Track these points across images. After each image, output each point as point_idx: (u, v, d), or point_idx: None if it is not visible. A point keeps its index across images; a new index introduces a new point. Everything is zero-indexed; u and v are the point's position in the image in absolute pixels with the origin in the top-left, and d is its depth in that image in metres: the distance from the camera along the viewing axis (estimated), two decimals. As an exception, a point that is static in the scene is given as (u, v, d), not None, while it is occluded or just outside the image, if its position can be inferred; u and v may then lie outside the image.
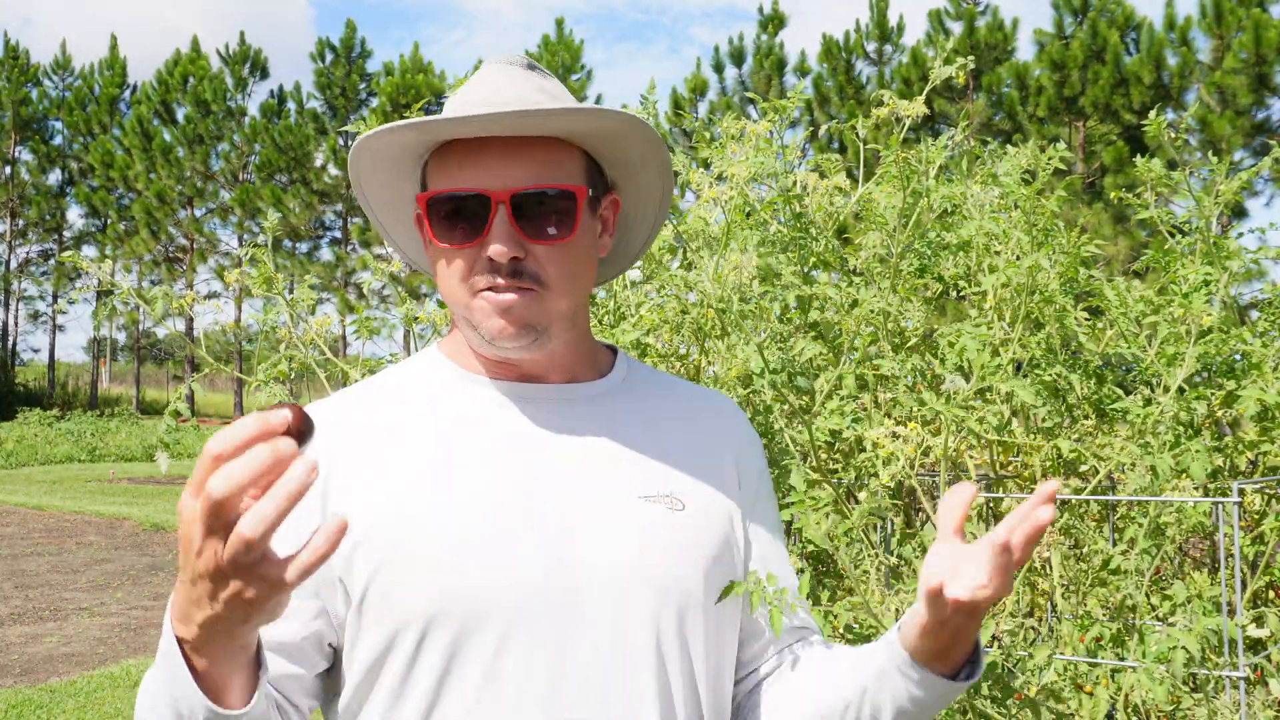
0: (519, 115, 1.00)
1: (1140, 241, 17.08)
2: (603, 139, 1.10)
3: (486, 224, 1.03)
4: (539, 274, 1.04)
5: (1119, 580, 2.02)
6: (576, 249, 1.07)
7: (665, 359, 2.19)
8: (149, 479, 15.84)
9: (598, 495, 1.07)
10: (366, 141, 1.06)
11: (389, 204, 1.17)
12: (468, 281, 1.05)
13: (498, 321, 1.04)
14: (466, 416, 1.09)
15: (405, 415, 1.09)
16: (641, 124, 1.07)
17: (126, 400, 37.22)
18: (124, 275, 34.92)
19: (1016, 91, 20.28)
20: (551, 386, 1.12)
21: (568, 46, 31.66)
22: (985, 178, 2.45)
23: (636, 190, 1.18)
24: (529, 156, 1.04)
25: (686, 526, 1.09)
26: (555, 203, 1.05)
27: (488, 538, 1.02)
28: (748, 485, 1.19)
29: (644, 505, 1.08)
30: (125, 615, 7.04)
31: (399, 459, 1.05)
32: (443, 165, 1.06)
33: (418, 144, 1.08)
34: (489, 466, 1.06)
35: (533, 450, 1.08)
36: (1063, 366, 2.31)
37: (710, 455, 1.17)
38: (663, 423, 1.17)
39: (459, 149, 1.05)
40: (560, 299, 1.06)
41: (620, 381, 1.18)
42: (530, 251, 1.04)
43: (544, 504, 1.05)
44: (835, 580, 2.27)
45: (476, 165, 1.04)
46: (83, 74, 37.60)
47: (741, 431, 1.23)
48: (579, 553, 1.03)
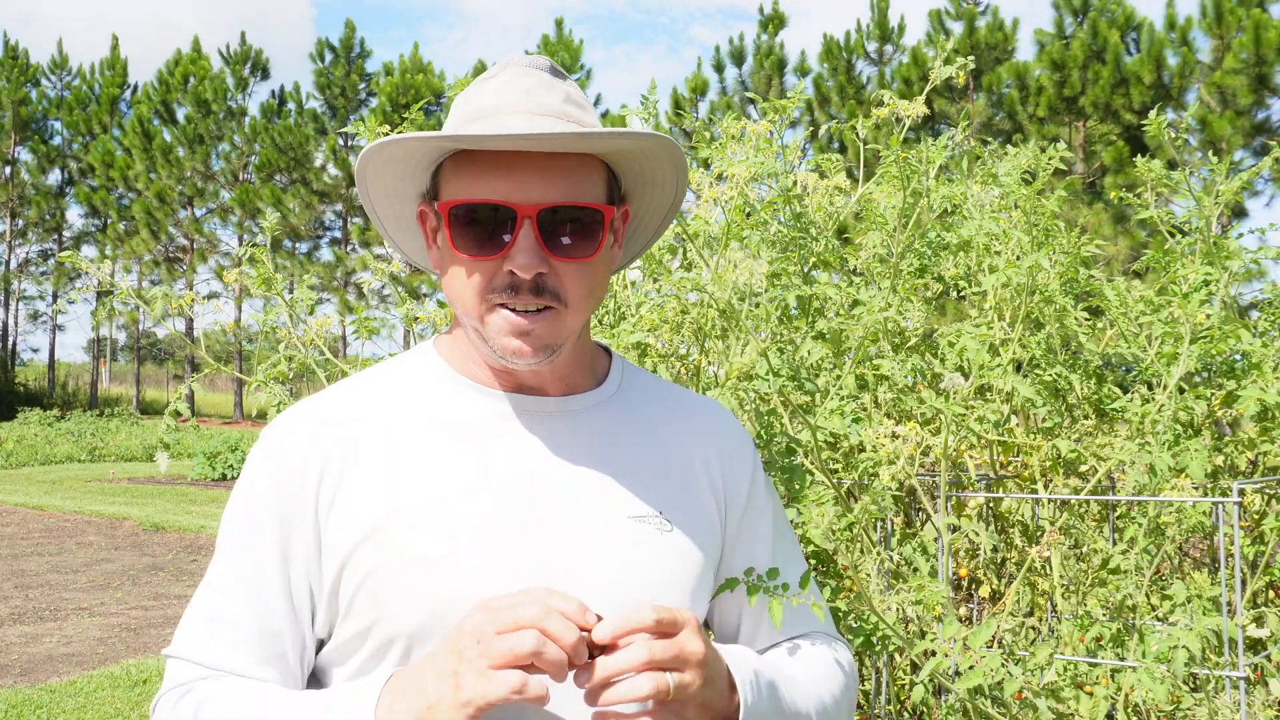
0: (570, 137, 0.98)
1: (1140, 241, 17.08)
2: (630, 156, 1.09)
3: (512, 237, 1.00)
4: (559, 291, 1.03)
5: (1119, 580, 2.02)
6: (596, 266, 1.07)
7: (665, 359, 2.19)
8: (149, 479, 15.83)
9: (589, 515, 1.07)
10: (386, 146, 1.02)
11: (394, 194, 1.14)
12: (485, 293, 1.03)
13: (514, 342, 1.03)
14: (462, 429, 1.08)
15: (399, 422, 1.08)
16: (673, 147, 1.07)
17: (126, 400, 37.22)
18: (124, 275, 34.92)
19: (1017, 91, 20.28)
20: (550, 400, 1.11)
21: (567, 46, 31.65)
22: (985, 178, 2.44)
23: (648, 200, 1.18)
24: (556, 170, 1.02)
25: (674, 548, 1.09)
26: (581, 219, 1.03)
27: (476, 557, 1.01)
28: (739, 493, 1.19)
29: (634, 526, 1.08)
30: (125, 615, 7.04)
31: (390, 471, 1.05)
32: (464, 171, 1.03)
33: (439, 149, 1.05)
34: (481, 483, 1.05)
35: (526, 468, 1.07)
36: (1063, 366, 2.31)
37: (696, 470, 1.16)
38: (654, 434, 1.16)
39: (484, 157, 1.02)
40: (577, 317, 1.06)
41: (615, 389, 1.18)
42: (552, 268, 1.02)
43: (535, 523, 1.04)
44: (835, 580, 2.27)
45: (503, 176, 1.01)
46: (82, 74, 37.59)
47: (730, 438, 1.22)
48: (568, 573, 1.03)
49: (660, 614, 0.92)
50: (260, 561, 1.04)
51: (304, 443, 1.06)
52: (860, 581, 1.64)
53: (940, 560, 1.96)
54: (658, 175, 1.13)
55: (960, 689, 1.62)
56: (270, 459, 1.07)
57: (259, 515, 1.05)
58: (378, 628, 1.00)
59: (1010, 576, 2.49)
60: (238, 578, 1.05)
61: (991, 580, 2.48)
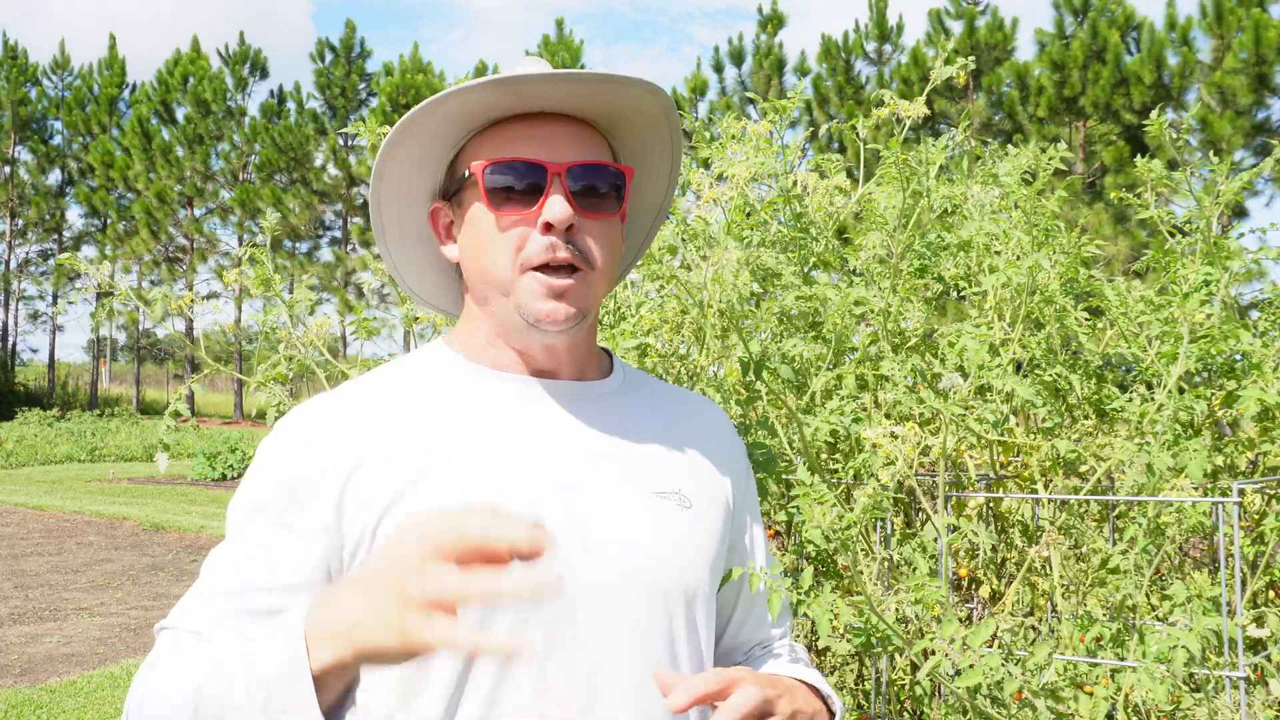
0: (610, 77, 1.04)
1: (1140, 241, 17.09)
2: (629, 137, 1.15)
3: (543, 194, 1.05)
4: (587, 252, 1.07)
5: (1119, 580, 2.02)
6: (617, 229, 1.12)
7: (665, 359, 2.19)
8: (149, 479, 15.83)
9: (613, 490, 1.09)
10: (436, 104, 1.05)
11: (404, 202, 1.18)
12: (519, 255, 1.06)
13: (549, 304, 1.05)
14: (481, 412, 1.09)
15: (419, 413, 1.09)
16: (672, 124, 1.14)
17: (126, 400, 37.22)
18: (124, 275, 34.91)
19: (1017, 91, 20.29)
20: (564, 383, 1.13)
21: (568, 46, 31.66)
22: (985, 178, 2.44)
23: (640, 191, 1.23)
24: (578, 136, 1.08)
25: (694, 523, 1.13)
26: (609, 178, 1.09)
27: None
28: (739, 486, 1.23)
29: (657, 501, 1.11)
30: (125, 615, 7.03)
31: (416, 459, 1.05)
32: (492, 140, 1.08)
33: (460, 126, 1.09)
34: (505, 464, 1.06)
35: (548, 447, 1.09)
36: (1063, 366, 2.31)
37: (709, 456, 1.20)
38: (665, 422, 1.20)
39: (511, 126, 1.08)
40: (602, 282, 1.10)
41: (622, 381, 1.21)
42: (580, 225, 1.06)
43: (558, 498, 1.05)
44: (835, 580, 2.27)
45: (531, 141, 1.06)
46: (82, 74, 37.59)
47: (730, 435, 1.27)
48: (593, 548, 1.04)
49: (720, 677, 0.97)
50: (269, 543, 1.02)
51: (317, 438, 1.05)
52: (859, 581, 1.64)
53: (940, 560, 1.96)
54: (655, 157, 1.19)
55: (959, 689, 1.62)
56: (281, 456, 1.06)
57: (272, 501, 1.04)
58: None
59: (1010, 576, 2.49)
60: (245, 559, 1.03)
61: (991, 580, 2.48)
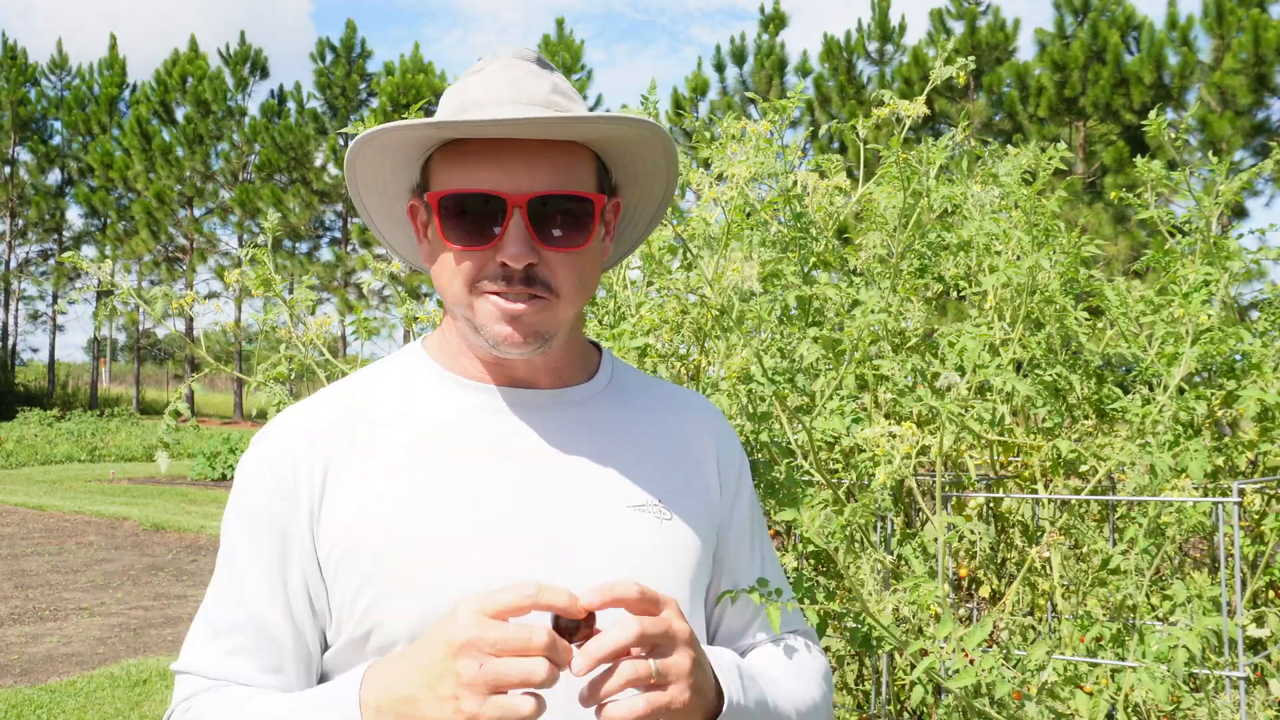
0: (558, 122, 0.97)
1: (1140, 241, 17.08)
2: (620, 145, 1.08)
3: (501, 227, 0.99)
4: (550, 281, 1.02)
5: (1119, 580, 2.02)
6: (588, 256, 1.06)
7: (665, 359, 2.19)
8: (149, 479, 15.83)
9: (587, 506, 1.06)
10: (375, 136, 1.02)
11: (385, 192, 1.13)
12: (475, 282, 1.02)
13: (504, 328, 1.01)
14: (454, 425, 1.07)
15: (391, 421, 1.07)
16: (663, 134, 1.06)
17: (126, 400, 37.20)
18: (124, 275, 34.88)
19: (1017, 91, 20.28)
20: (542, 392, 1.11)
21: (568, 46, 31.66)
22: (986, 178, 2.44)
23: (640, 193, 1.17)
24: (546, 159, 1.01)
25: (673, 536, 1.09)
26: (572, 209, 1.02)
27: (474, 555, 1.01)
28: (728, 486, 1.19)
29: (634, 515, 1.08)
30: (125, 615, 7.03)
31: (385, 470, 1.04)
32: (453, 161, 1.02)
33: (427, 139, 1.04)
34: (478, 478, 1.04)
35: (522, 459, 1.06)
36: (1063, 366, 2.31)
37: (694, 458, 1.17)
38: (648, 425, 1.16)
39: (473, 147, 1.02)
40: (569, 307, 1.05)
41: (607, 383, 1.17)
42: (543, 257, 1.01)
43: (532, 516, 1.04)
44: (835, 580, 2.27)
45: (492, 165, 1.00)
46: (81, 74, 37.58)
47: (721, 432, 1.22)
48: (569, 565, 1.02)
49: (644, 590, 0.90)
50: (256, 569, 1.03)
51: (294, 448, 1.05)
52: (856, 581, 1.64)
53: (939, 560, 1.96)
54: (647, 165, 1.12)
55: (957, 688, 1.62)
56: (261, 465, 1.06)
57: (253, 524, 1.04)
58: (377, 632, 1.00)
59: (1010, 577, 2.49)
60: (236, 586, 1.04)
61: (991, 580, 2.48)
